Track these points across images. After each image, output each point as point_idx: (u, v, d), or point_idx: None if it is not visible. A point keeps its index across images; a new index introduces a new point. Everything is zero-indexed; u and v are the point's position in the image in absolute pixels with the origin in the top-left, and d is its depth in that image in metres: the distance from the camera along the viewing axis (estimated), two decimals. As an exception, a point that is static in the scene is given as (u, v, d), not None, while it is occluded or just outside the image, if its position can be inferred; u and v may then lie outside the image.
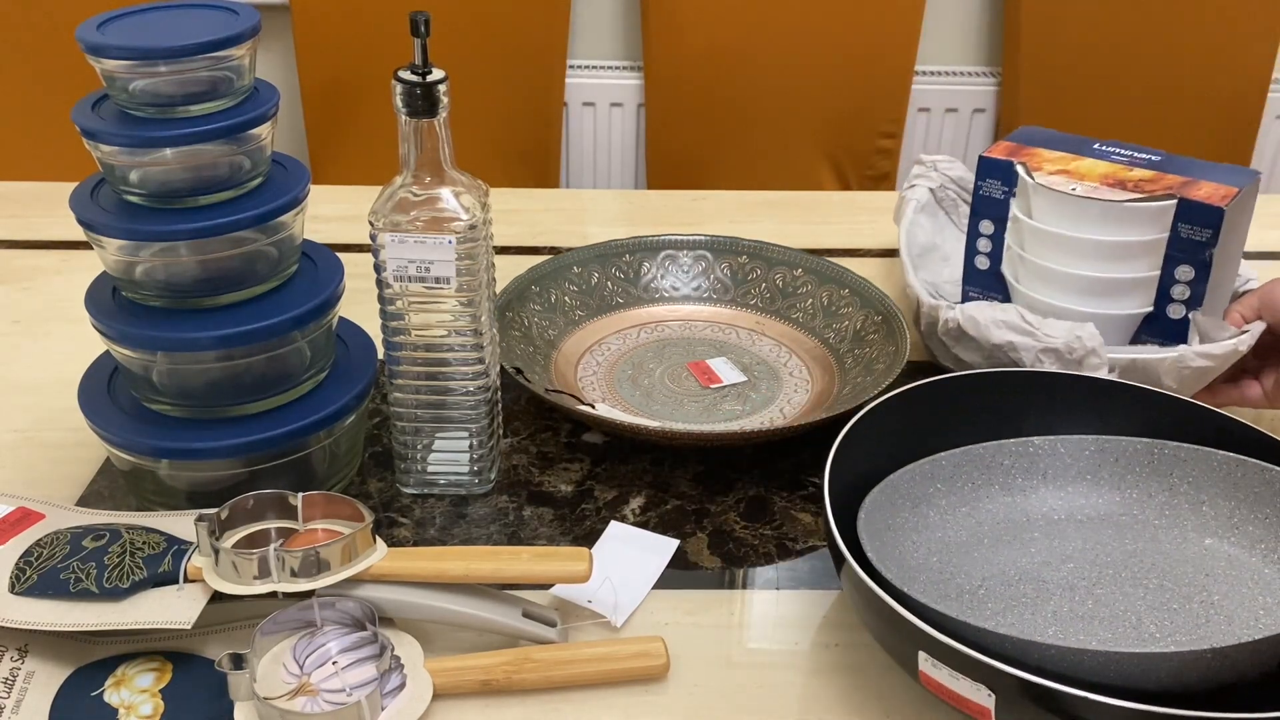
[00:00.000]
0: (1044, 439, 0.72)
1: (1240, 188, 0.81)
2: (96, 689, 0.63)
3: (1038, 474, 0.72)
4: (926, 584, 0.67)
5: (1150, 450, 0.71)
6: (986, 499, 0.72)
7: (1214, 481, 0.68)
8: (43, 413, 0.87)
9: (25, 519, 0.69)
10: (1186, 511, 0.69)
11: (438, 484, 0.78)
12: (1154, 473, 0.70)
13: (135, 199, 0.69)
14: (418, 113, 0.67)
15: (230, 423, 0.72)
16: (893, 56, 1.71)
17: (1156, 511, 0.70)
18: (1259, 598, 0.64)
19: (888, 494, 0.69)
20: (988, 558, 0.69)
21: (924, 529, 0.70)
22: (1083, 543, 0.69)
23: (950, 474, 0.71)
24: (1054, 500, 0.72)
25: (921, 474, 0.71)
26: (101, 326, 0.70)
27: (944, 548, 0.69)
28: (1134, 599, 0.65)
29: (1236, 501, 0.68)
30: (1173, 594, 0.65)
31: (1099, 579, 0.66)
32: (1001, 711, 0.55)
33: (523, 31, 1.66)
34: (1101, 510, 0.71)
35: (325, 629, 0.64)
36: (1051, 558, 0.68)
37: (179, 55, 0.66)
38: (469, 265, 0.70)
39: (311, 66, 1.65)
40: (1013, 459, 0.72)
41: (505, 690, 0.63)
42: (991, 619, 0.64)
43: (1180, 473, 0.70)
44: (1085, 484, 0.72)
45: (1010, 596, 0.66)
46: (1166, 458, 0.70)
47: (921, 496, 0.70)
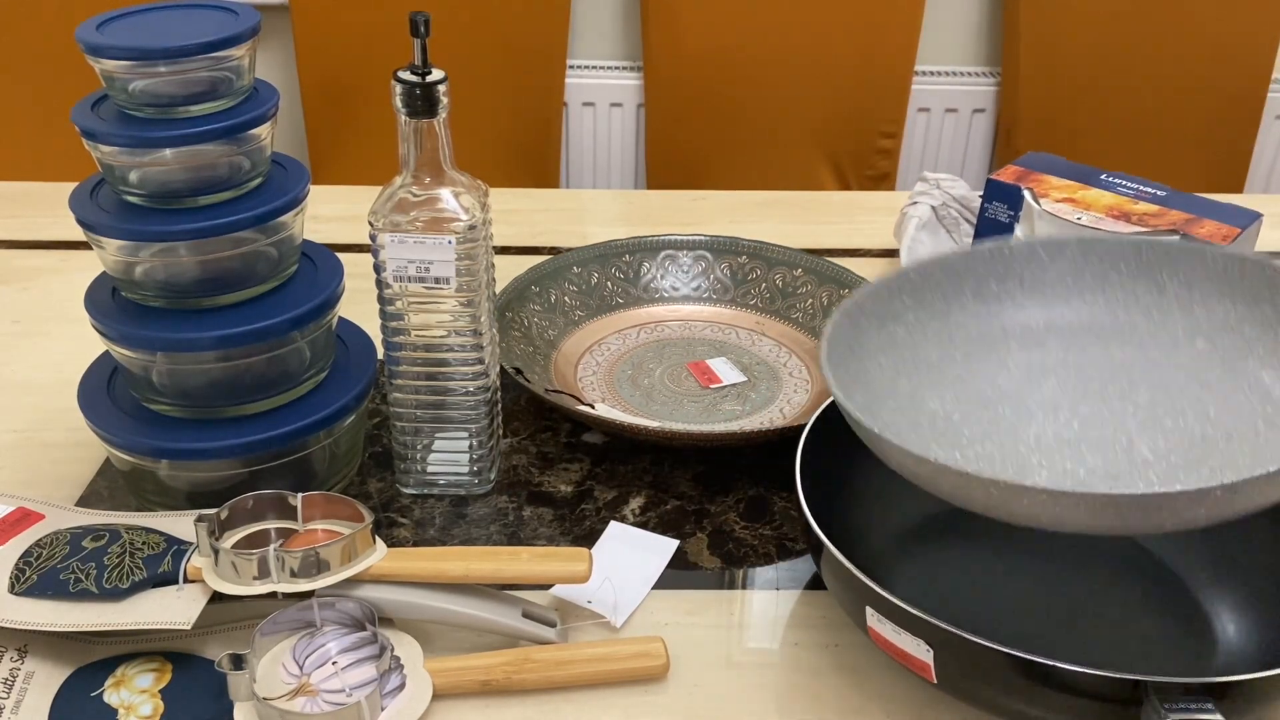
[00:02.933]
0: (1022, 241, 0.66)
1: (1243, 228, 0.82)
2: (96, 689, 0.63)
3: (1014, 279, 0.65)
4: (895, 410, 0.62)
5: (1137, 248, 0.63)
6: (959, 310, 0.65)
7: (1207, 279, 0.62)
8: (42, 413, 0.87)
9: (25, 519, 0.69)
10: (1176, 314, 0.63)
11: (437, 484, 0.78)
12: (1141, 272, 0.64)
13: (135, 199, 0.69)
14: (417, 113, 0.67)
15: (230, 423, 0.72)
16: (892, 57, 1.71)
17: (1144, 315, 0.64)
18: (1257, 406, 0.58)
19: (852, 317, 0.62)
20: (961, 377, 0.63)
21: (891, 348, 0.64)
22: (1064, 354, 0.64)
23: (918, 285, 0.65)
24: (1032, 309, 0.65)
25: (888, 289, 0.64)
26: (101, 327, 0.70)
27: (914, 368, 0.64)
28: (1123, 417, 0.60)
29: (1232, 301, 0.61)
30: (1165, 409, 0.60)
31: (1084, 395, 0.61)
32: (940, 667, 0.56)
33: (523, 31, 1.66)
34: (1084, 317, 0.65)
35: (325, 629, 0.64)
36: (1031, 373, 0.63)
37: (179, 55, 0.66)
38: (469, 265, 0.70)
39: (311, 67, 1.65)
40: (987, 265, 0.65)
41: (505, 690, 0.63)
42: (968, 447, 0.60)
43: (1170, 271, 0.63)
44: (1065, 288, 0.65)
45: (987, 420, 0.61)
46: (1155, 255, 0.63)
47: (888, 314, 0.64)
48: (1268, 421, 0.57)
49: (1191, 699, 0.51)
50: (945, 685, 0.58)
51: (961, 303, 0.65)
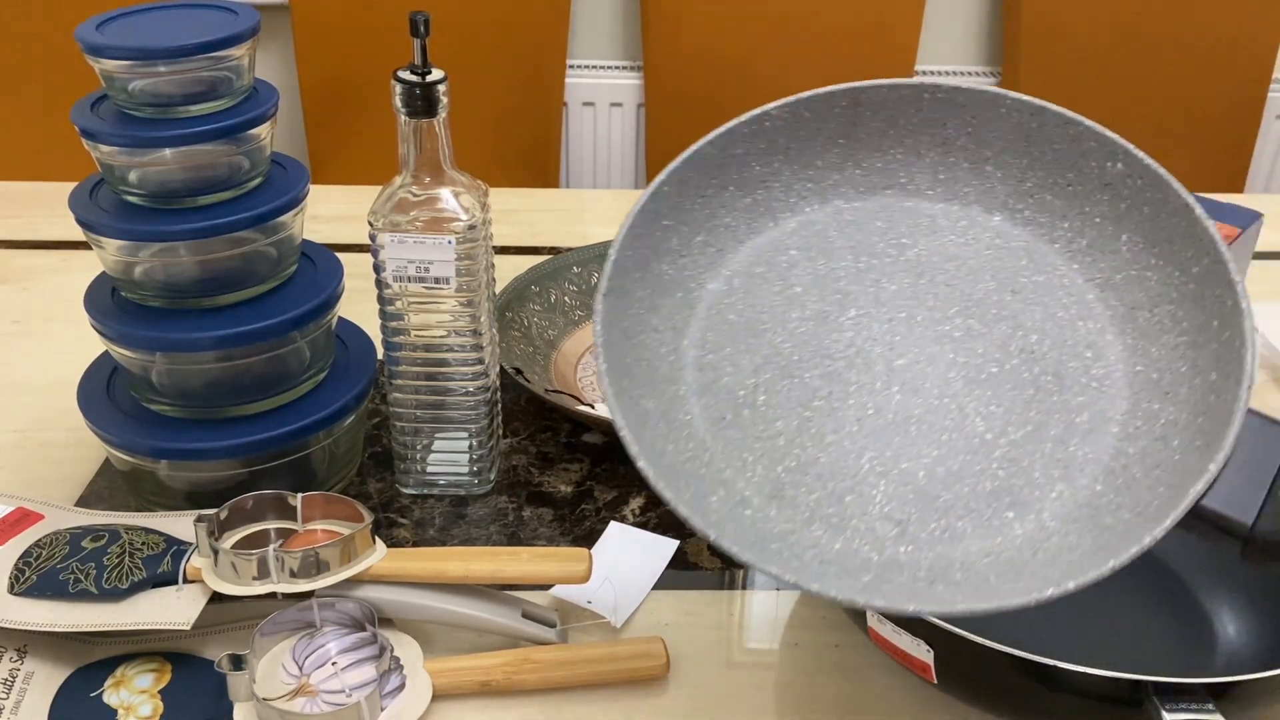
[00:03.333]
0: (779, 104, 0.56)
1: (1243, 228, 0.82)
2: (96, 690, 0.63)
3: (778, 155, 0.56)
4: (696, 405, 0.53)
5: (918, 95, 0.55)
6: (725, 213, 0.56)
7: (1001, 134, 0.54)
8: (42, 413, 0.86)
9: (24, 519, 0.69)
10: (966, 174, 0.55)
11: (437, 484, 0.78)
12: (924, 123, 0.55)
13: (134, 199, 0.69)
14: (417, 113, 0.67)
15: (229, 423, 0.72)
16: (893, 56, 1.70)
17: (929, 177, 0.56)
18: (1080, 326, 0.52)
19: (617, 276, 0.52)
20: (747, 322, 0.54)
21: (664, 298, 0.54)
22: (854, 260, 0.55)
23: (677, 199, 0.54)
24: (805, 186, 0.56)
25: (645, 217, 0.53)
26: (101, 327, 0.70)
27: (691, 318, 0.55)
28: (942, 365, 0.52)
29: (1030, 160, 0.54)
30: (984, 340, 0.53)
31: (893, 335, 0.53)
32: (940, 667, 0.55)
33: (522, 31, 1.66)
34: (863, 188, 0.56)
35: (325, 630, 0.64)
36: (826, 296, 0.54)
37: (178, 55, 0.66)
38: (468, 265, 0.70)
39: (311, 66, 1.65)
40: (745, 144, 0.55)
41: (505, 691, 0.63)
42: (793, 471, 0.52)
43: (957, 121, 0.55)
44: (838, 152, 0.56)
45: (797, 401, 0.53)
46: (939, 102, 0.55)
47: (650, 251, 0.54)
48: (1096, 354, 0.51)
49: (1192, 699, 0.51)
50: (945, 686, 0.58)
51: (724, 201, 0.55)
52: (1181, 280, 0.50)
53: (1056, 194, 0.53)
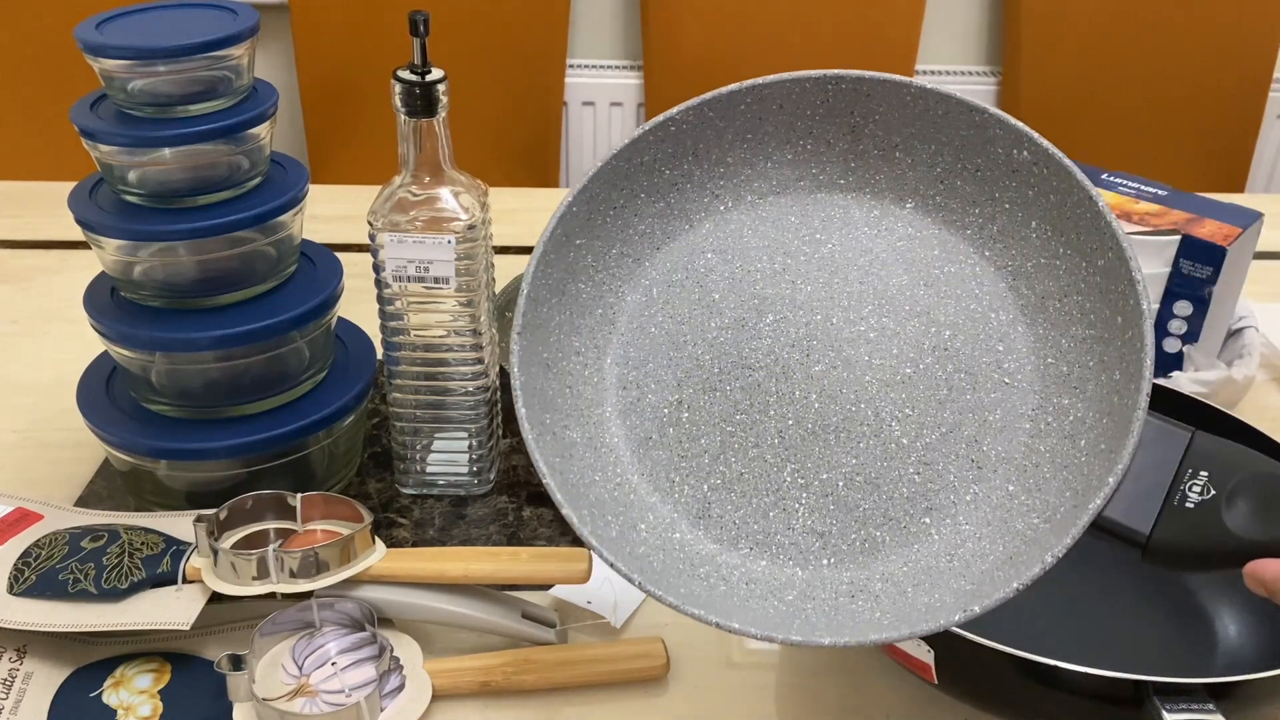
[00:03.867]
0: (682, 107, 0.55)
1: (1243, 228, 0.82)
2: (95, 690, 0.63)
3: (686, 157, 0.55)
4: (621, 428, 0.53)
5: (822, 87, 0.54)
6: (637, 220, 0.55)
7: (909, 120, 0.54)
8: (41, 413, 0.86)
9: (24, 519, 0.69)
10: (877, 161, 0.55)
11: (437, 484, 0.78)
12: (831, 113, 0.54)
13: (134, 199, 0.69)
14: (417, 112, 0.67)
15: (229, 423, 0.72)
16: (893, 56, 1.70)
17: (840, 167, 0.55)
18: (992, 319, 0.52)
19: (530, 310, 0.52)
20: (669, 327, 0.54)
21: (583, 314, 0.54)
22: (769, 258, 0.55)
23: (587, 216, 0.54)
24: (717, 185, 0.56)
25: (555, 241, 0.53)
26: (100, 327, 0.70)
27: (618, 336, 0.55)
28: (858, 369, 0.52)
29: (939, 145, 0.54)
30: (898, 340, 0.53)
31: (810, 339, 0.53)
32: (941, 667, 0.55)
33: (522, 31, 1.66)
34: (775, 181, 0.56)
35: (324, 630, 0.64)
36: (744, 302, 0.54)
37: (178, 55, 0.66)
38: (468, 265, 0.70)
39: (310, 66, 1.65)
40: (653, 150, 0.54)
41: (504, 691, 0.63)
42: (718, 471, 0.53)
43: (863, 109, 0.54)
44: (747, 147, 0.55)
45: (720, 415, 0.53)
46: (845, 92, 0.53)
47: (565, 273, 0.54)
48: (1008, 347, 0.51)
49: (1192, 699, 0.51)
50: (945, 686, 0.58)
51: (636, 209, 0.55)
52: (1088, 271, 0.50)
53: (966, 179, 0.53)
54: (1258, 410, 0.89)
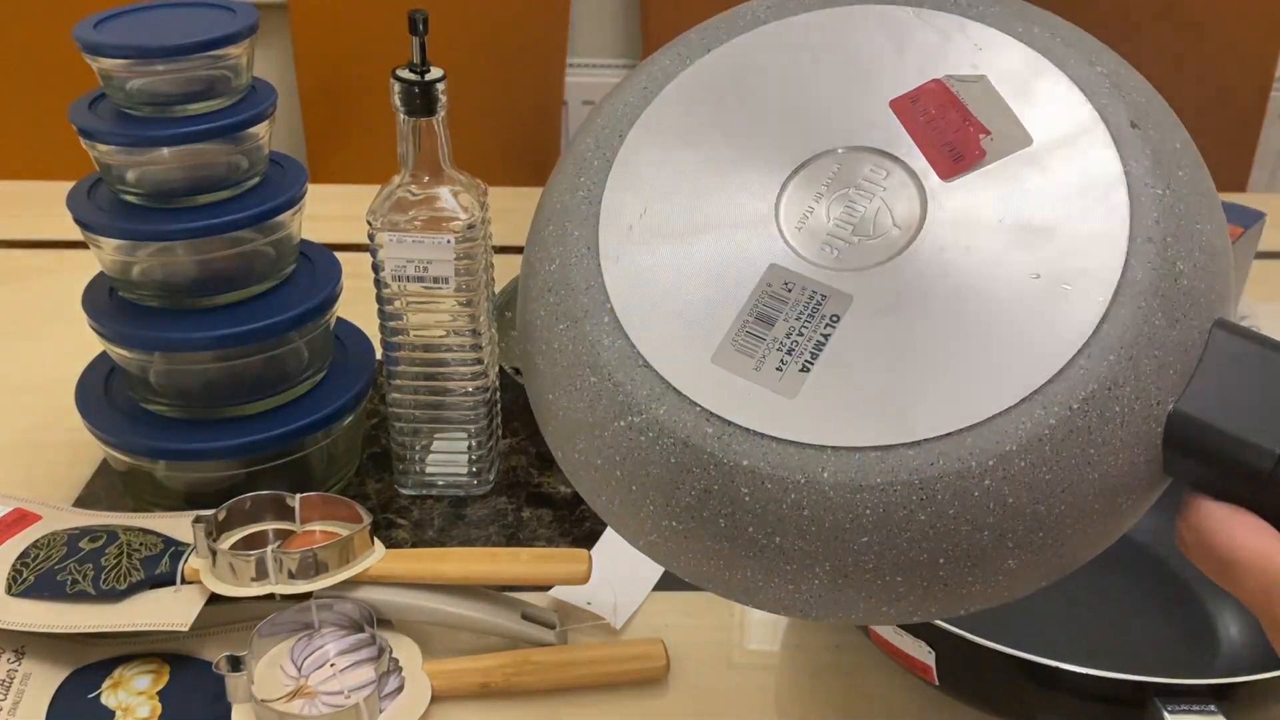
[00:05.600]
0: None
1: (1246, 227, 0.82)
2: (94, 691, 0.62)
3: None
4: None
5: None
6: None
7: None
8: (40, 413, 0.86)
9: (22, 520, 0.69)
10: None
11: (436, 485, 0.78)
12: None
13: (132, 198, 0.69)
14: (416, 112, 0.67)
15: (228, 423, 0.71)
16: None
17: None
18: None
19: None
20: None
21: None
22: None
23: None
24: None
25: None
26: (98, 327, 0.70)
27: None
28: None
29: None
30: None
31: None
32: (941, 668, 0.55)
33: (522, 30, 1.66)
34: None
35: (323, 631, 0.64)
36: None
37: (176, 54, 0.65)
38: (467, 265, 0.70)
39: (309, 65, 1.65)
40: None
41: (504, 692, 0.63)
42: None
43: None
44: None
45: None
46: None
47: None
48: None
49: (1194, 700, 0.51)
50: (946, 687, 0.58)
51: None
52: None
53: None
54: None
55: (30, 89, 1.60)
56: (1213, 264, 0.41)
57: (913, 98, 0.42)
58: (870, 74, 0.43)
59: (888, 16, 0.44)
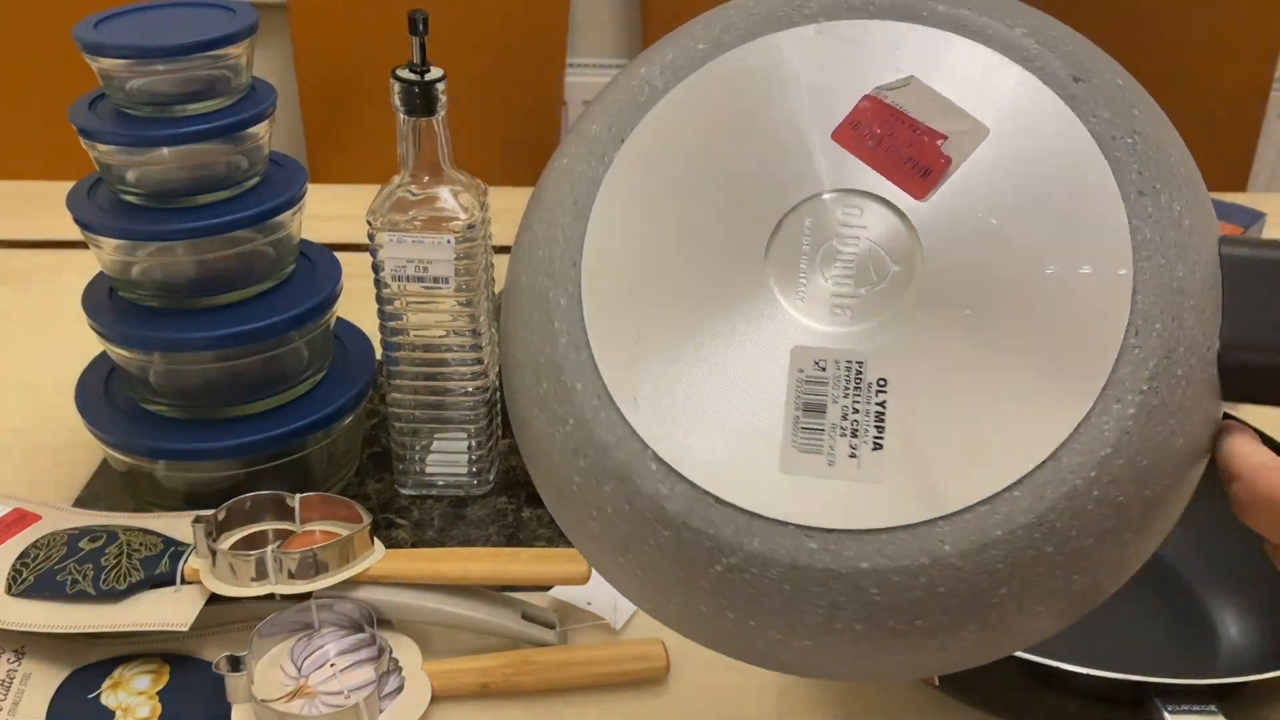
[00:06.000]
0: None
1: (1246, 227, 0.82)
2: (94, 691, 0.62)
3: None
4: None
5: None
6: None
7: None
8: (39, 413, 0.86)
9: (22, 520, 0.69)
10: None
11: (436, 485, 0.78)
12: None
13: (132, 198, 0.69)
14: (416, 111, 0.67)
15: (227, 423, 0.71)
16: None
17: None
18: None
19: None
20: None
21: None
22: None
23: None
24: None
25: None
26: (98, 327, 0.70)
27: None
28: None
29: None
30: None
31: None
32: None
33: (522, 30, 1.66)
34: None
35: (323, 631, 0.64)
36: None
37: (176, 54, 0.65)
38: (467, 265, 0.70)
39: (309, 65, 1.65)
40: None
41: (504, 693, 0.63)
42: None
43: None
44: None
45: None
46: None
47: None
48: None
49: (1195, 701, 0.51)
50: (946, 687, 0.58)
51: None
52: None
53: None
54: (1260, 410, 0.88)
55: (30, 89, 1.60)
56: (1195, 191, 0.40)
57: (852, 123, 0.40)
58: (798, 111, 0.40)
59: (791, 43, 0.41)
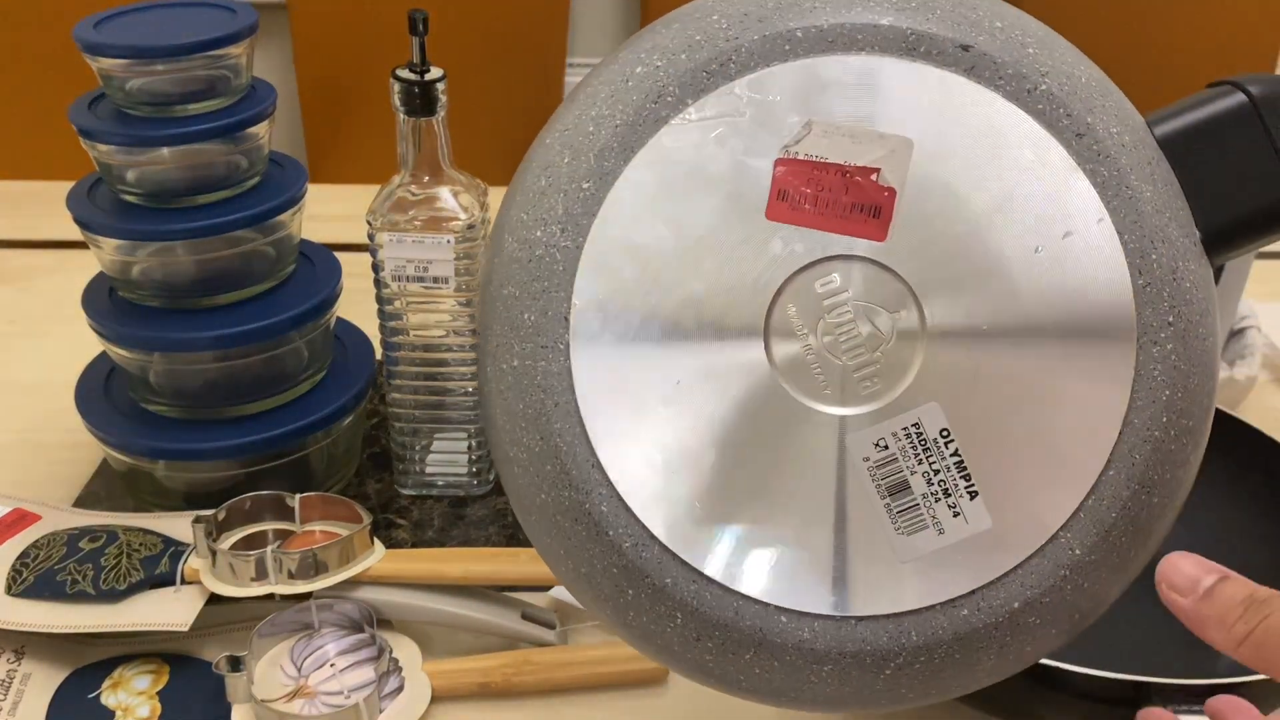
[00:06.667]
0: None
1: None
2: (93, 691, 0.62)
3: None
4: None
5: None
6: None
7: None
8: (39, 413, 0.86)
9: (21, 520, 0.69)
10: None
11: (436, 485, 0.78)
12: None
13: (132, 198, 0.69)
14: (416, 111, 0.67)
15: (227, 423, 0.71)
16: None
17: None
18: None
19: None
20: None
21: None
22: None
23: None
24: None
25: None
26: (98, 327, 0.70)
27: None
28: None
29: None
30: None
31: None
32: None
33: (522, 30, 1.66)
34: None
35: (323, 631, 0.64)
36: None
37: (176, 54, 0.65)
38: (468, 265, 0.70)
39: (309, 65, 1.65)
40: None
41: (504, 693, 0.63)
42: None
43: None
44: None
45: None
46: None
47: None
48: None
49: (1195, 701, 0.51)
50: (946, 687, 0.58)
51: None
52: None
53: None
54: (1261, 411, 0.88)
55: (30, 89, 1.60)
56: (1109, 94, 0.41)
57: (779, 194, 0.37)
58: (719, 209, 0.38)
59: (674, 139, 0.38)
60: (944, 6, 0.38)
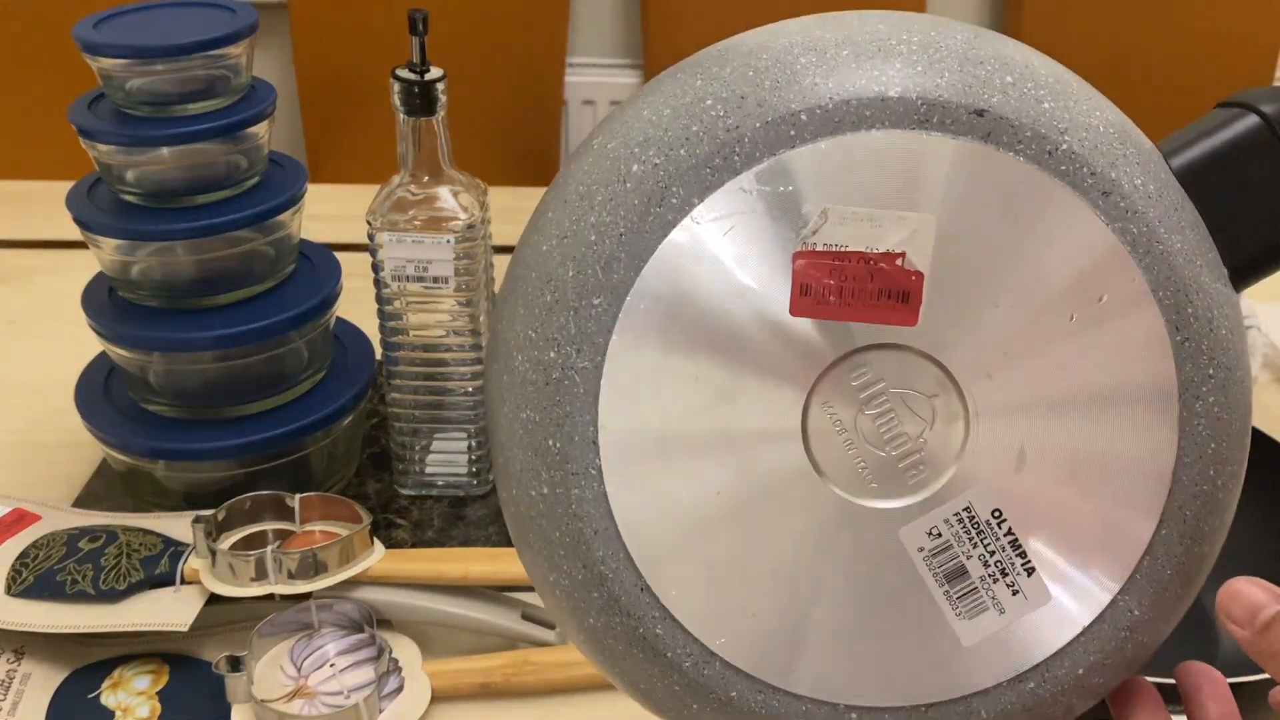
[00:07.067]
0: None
1: None
2: (93, 691, 0.62)
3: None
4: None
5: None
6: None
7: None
8: (39, 413, 0.86)
9: (21, 520, 0.69)
10: None
11: (436, 485, 0.78)
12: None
13: (132, 198, 0.69)
14: (416, 111, 0.67)
15: (227, 423, 0.71)
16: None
17: None
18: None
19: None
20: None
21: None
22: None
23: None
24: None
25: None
26: (98, 327, 0.70)
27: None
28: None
29: None
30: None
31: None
32: None
33: (522, 29, 1.66)
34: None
35: (323, 631, 0.64)
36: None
37: (176, 54, 0.65)
38: (467, 265, 0.70)
39: (309, 65, 1.65)
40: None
41: (504, 693, 0.63)
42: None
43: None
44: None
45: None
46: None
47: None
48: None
49: (1195, 701, 0.51)
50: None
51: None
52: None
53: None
54: (1261, 411, 0.88)
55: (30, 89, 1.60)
56: (1129, 139, 0.39)
57: (801, 289, 0.36)
58: (744, 313, 0.36)
59: (686, 239, 0.36)
60: (949, 62, 0.36)
